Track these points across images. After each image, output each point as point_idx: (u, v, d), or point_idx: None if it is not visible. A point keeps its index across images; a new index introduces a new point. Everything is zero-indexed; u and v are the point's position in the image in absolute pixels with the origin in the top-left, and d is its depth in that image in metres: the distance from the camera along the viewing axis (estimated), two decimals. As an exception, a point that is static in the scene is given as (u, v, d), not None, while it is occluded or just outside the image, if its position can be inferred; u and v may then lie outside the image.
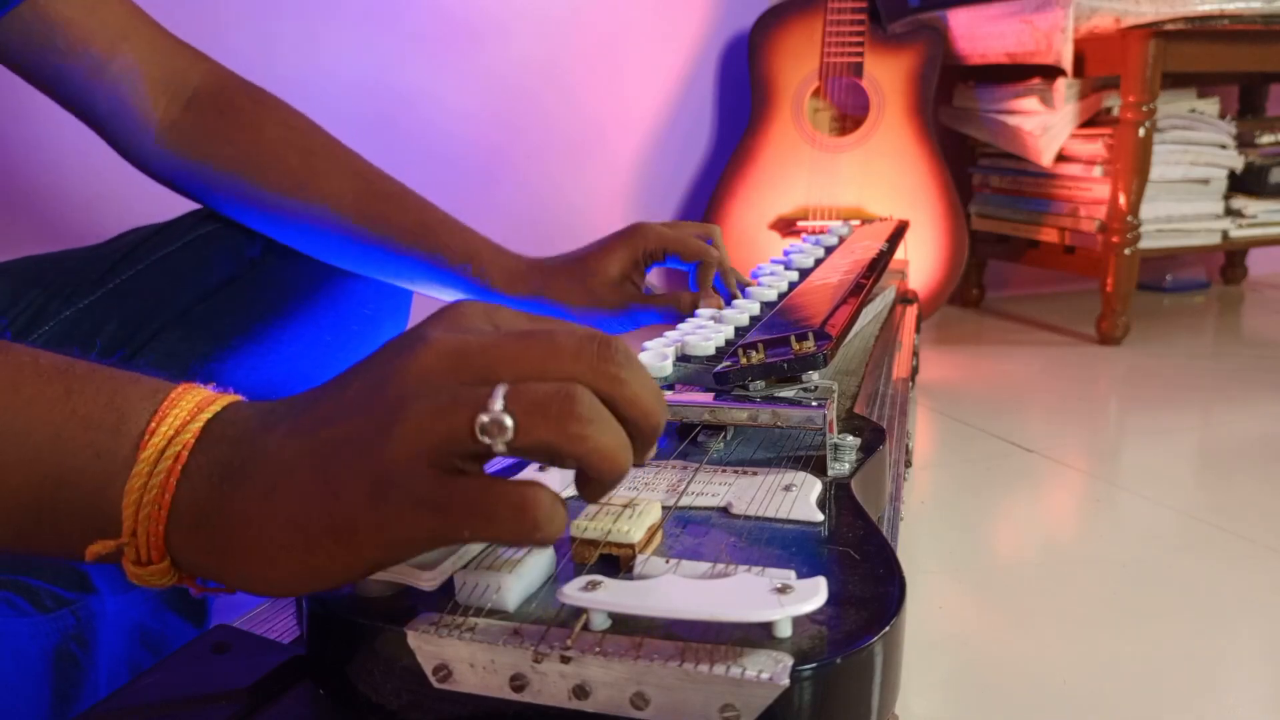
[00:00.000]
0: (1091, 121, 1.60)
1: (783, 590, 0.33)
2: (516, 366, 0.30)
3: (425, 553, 0.33)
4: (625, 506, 0.40)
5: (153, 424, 0.33)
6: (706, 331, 0.63)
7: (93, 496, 0.33)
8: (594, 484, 0.32)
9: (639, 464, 0.33)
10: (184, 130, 0.70)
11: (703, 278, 0.76)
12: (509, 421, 0.29)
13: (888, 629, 0.33)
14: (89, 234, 0.82)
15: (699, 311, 0.70)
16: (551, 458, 0.30)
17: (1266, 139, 1.71)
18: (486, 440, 0.29)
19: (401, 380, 0.31)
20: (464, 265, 0.72)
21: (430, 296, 0.76)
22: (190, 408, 0.34)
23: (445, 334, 0.32)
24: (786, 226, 1.60)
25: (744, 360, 0.53)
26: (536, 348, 0.31)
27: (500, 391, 0.29)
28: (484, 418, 0.29)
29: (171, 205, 0.78)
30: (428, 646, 0.33)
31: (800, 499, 0.44)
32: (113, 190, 1.38)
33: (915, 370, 0.96)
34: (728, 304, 0.72)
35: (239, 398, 0.36)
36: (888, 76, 1.59)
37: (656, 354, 0.57)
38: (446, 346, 0.31)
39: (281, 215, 0.70)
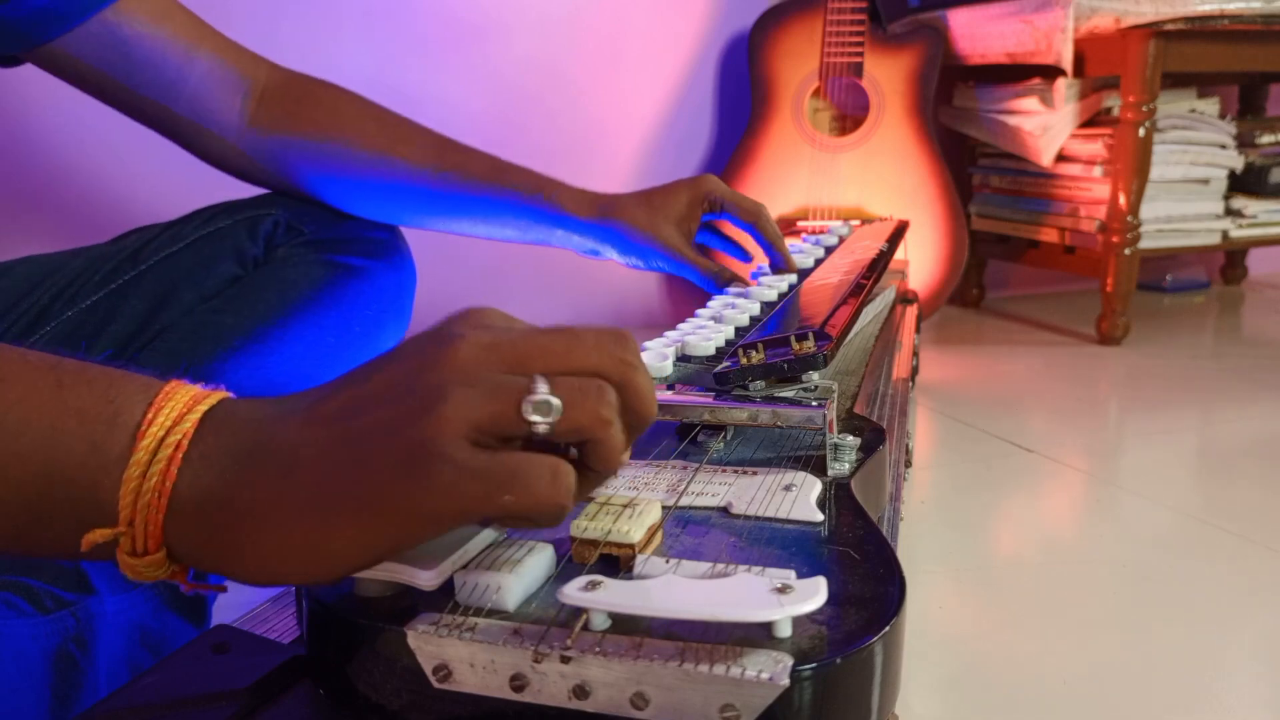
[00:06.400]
0: (1091, 121, 1.60)
1: (783, 590, 0.33)
2: (546, 357, 0.33)
3: (450, 530, 0.33)
4: (625, 506, 0.40)
5: (149, 414, 0.34)
6: (706, 332, 0.63)
7: (89, 489, 0.33)
8: (594, 475, 0.34)
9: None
10: (266, 122, 0.74)
11: (765, 229, 0.81)
12: (557, 403, 0.32)
13: (888, 629, 0.33)
14: (91, 234, 0.82)
15: (699, 311, 0.70)
16: (577, 441, 0.33)
17: (1266, 139, 1.71)
18: (537, 418, 0.32)
19: (440, 370, 0.33)
20: (536, 195, 0.79)
21: (509, 241, 0.82)
22: (186, 400, 0.34)
23: (475, 330, 0.34)
24: (786, 226, 1.60)
25: (744, 360, 0.53)
26: (562, 340, 0.34)
27: (541, 379, 0.32)
28: (535, 398, 0.32)
29: (171, 206, 0.78)
30: (428, 646, 0.33)
31: (800, 499, 0.44)
32: (114, 191, 1.38)
33: (915, 370, 0.96)
34: (779, 268, 0.82)
35: (229, 394, 0.36)
36: (888, 76, 1.59)
37: (656, 354, 0.57)
38: (481, 341, 0.33)
39: (370, 180, 0.76)
